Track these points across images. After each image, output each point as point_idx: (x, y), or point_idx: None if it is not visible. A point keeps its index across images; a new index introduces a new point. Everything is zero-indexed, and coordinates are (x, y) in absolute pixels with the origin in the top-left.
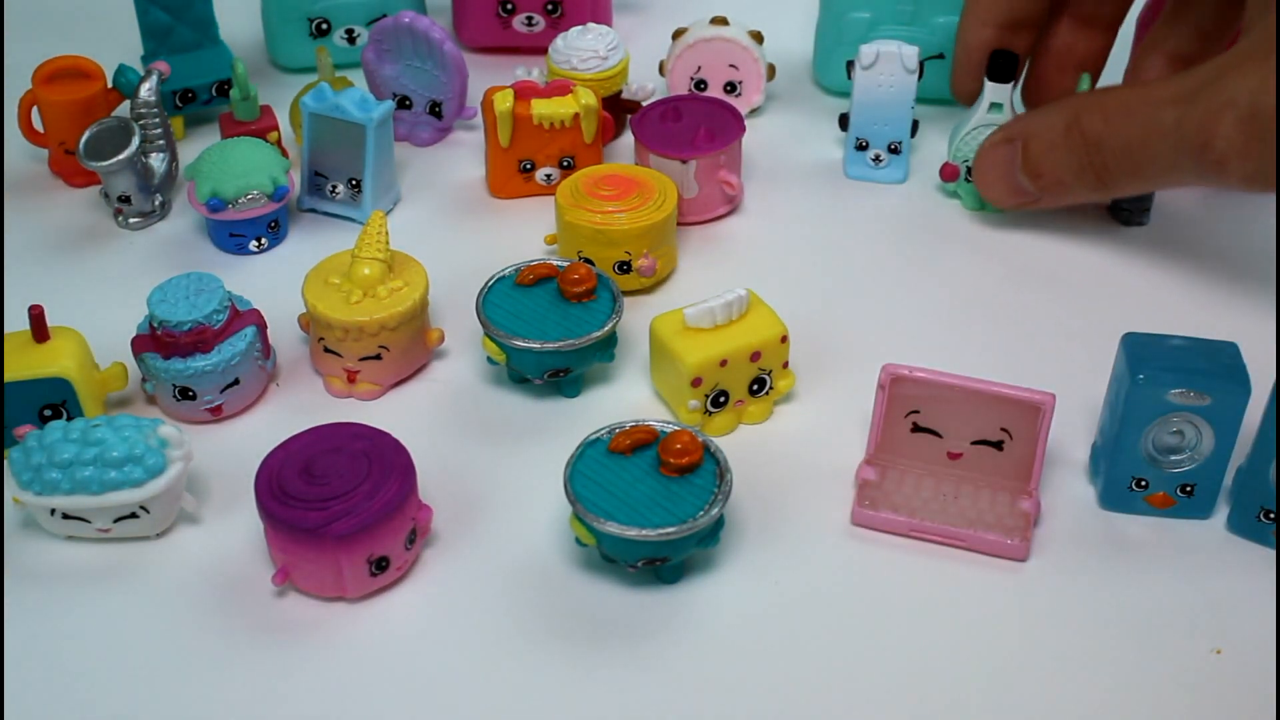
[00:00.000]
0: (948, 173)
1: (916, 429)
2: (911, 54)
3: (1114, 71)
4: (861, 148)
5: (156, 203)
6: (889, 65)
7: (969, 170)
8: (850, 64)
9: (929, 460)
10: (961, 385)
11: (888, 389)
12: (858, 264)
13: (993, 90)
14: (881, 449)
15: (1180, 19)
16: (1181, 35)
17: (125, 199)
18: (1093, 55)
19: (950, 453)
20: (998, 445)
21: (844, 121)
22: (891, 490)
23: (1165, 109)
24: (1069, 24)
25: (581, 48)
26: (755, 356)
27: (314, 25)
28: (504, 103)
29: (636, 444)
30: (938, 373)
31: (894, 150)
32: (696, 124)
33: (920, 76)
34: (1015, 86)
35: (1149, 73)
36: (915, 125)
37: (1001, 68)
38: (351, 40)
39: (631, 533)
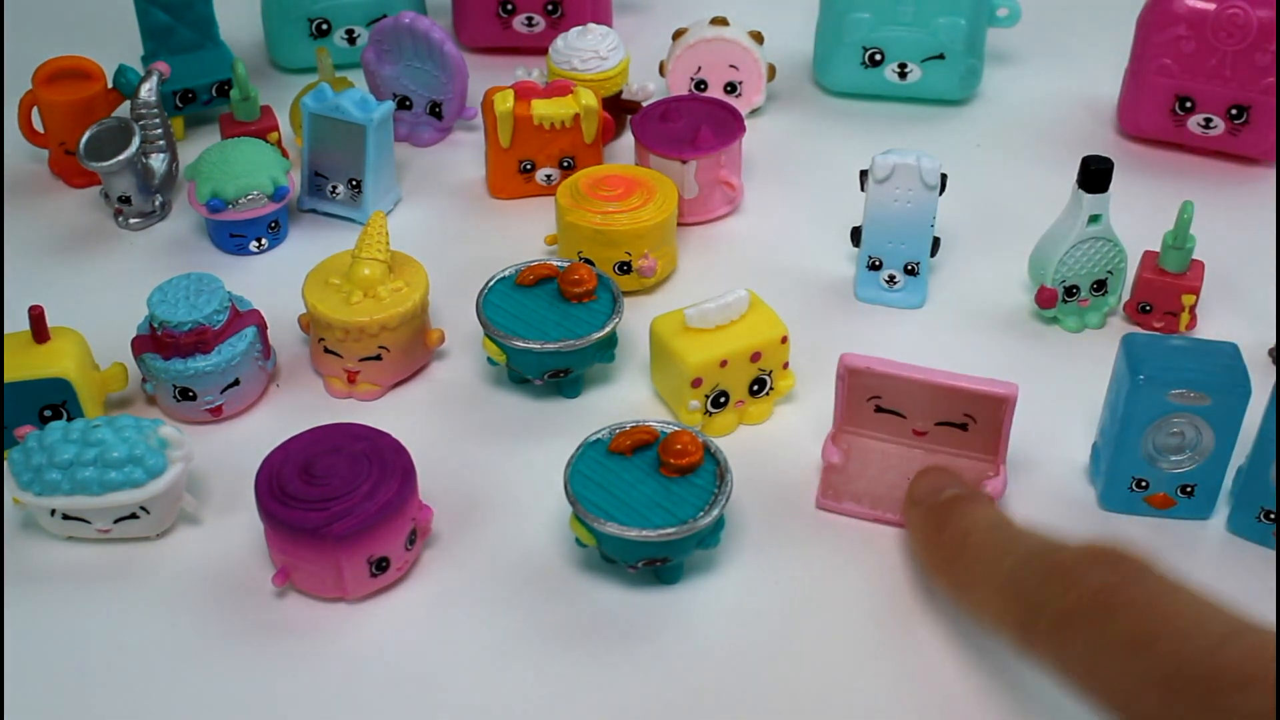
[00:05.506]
0: (1045, 298)
1: (880, 410)
2: (932, 168)
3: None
4: (874, 267)
5: (156, 203)
6: (906, 179)
7: (1067, 291)
8: (864, 174)
9: (894, 433)
10: (922, 379)
11: (846, 381)
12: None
13: (1091, 202)
14: (848, 425)
15: None
16: None
17: (125, 199)
18: None
19: (915, 430)
20: (962, 427)
21: (855, 236)
22: (855, 474)
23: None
24: None
25: (581, 48)
26: (755, 357)
27: (314, 25)
28: (504, 103)
29: (637, 444)
30: (896, 364)
31: (911, 272)
32: (696, 124)
33: (942, 192)
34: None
35: None
36: (936, 243)
37: (1096, 177)
38: (351, 40)
39: (632, 533)
